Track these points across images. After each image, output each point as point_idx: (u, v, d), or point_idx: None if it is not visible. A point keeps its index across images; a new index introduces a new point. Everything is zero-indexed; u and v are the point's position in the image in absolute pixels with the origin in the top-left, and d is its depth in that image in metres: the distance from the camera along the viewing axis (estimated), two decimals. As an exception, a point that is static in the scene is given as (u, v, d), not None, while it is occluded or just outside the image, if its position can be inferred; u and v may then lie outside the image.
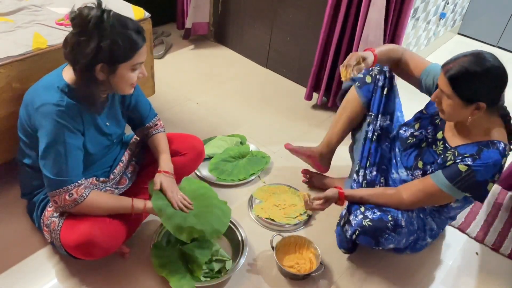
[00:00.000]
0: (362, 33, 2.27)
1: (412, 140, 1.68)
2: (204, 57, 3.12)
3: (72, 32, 1.31)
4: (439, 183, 1.51)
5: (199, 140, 1.85)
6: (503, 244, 1.94)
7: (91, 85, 1.36)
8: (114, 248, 1.50)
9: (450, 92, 1.39)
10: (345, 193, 1.66)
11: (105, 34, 1.28)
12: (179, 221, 1.52)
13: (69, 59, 1.34)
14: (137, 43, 1.35)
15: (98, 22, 1.27)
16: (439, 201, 1.60)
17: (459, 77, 1.37)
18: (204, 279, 1.58)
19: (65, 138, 1.36)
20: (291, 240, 1.74)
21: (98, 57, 1.29)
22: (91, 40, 1.27)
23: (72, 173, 1.39)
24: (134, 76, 1.40)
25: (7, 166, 1.81)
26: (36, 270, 1.60)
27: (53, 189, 1.38)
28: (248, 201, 1.99)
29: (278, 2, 2.75)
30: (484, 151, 1.43)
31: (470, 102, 1.39)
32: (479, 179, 1.44)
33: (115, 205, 1.49)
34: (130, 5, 2.06)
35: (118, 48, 1.30)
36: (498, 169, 1.44)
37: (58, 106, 1.35)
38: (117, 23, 1.31)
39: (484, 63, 1.36)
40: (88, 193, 1.42)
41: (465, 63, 1.36)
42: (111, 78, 1.36)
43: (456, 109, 1.42)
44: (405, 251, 1.76)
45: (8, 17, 1.84)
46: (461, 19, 3.85)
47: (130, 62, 1.36)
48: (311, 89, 2.63)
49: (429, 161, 1.60)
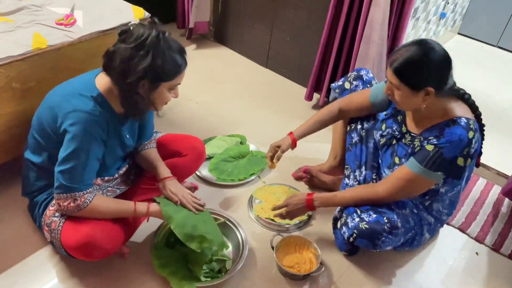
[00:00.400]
0: (363, 33, 2.26)
1: (383, 140, 1.73)
2: (204, 57, 3.12)
3: (126, 46, 1.32)
4: (412, 167, 1.53)
5: (200, 141, 1.85)
6: (504, 244, 1.94)
7: (135, 96, 1.38)
8: (114, 249, 1.50)
9: (398, 83, 1.45)
10: (315, 200, 1.68)
11: (159, 54, 1.32)
12: (189, 230, 1.50)
13: (116, 71, 1.35)
14: (181, 66, 1.40)
15: (155, 42, 1.31)
16: (418, 188, 1.60)
17: (403, 67, 1.42)
18: (204, 279, 1.58)
19: (90, 146, 1.37)
20: (291, 240, 1.74)
21: (147, 74, 1.33)
22: (147, 57, 1.31)
23: (84, 182, 1.39)
24: (169, 96, 1.45)
25: (7, 166, 1.81)
26: (36, 270, 1.60)
27: (61, 193, 1.38)
28: (248, 201, 1.99)
29: (278, 2, 2.75)
30: (446, 129, 1.48)
31: (418, 88, 1.43)
32: (447, 156, 1.47)
33: (118, 209, 1.49)
34: (130, 5, 2.07)
35: (165, 68, 1.35)
36: (466, 143, 1.46)
37: (91, 114, 1.36)
38: (168, 44, 1.36)
39: (424, 50, 1.41)
40: (92, 199, 1.41)
41: (407, 52, 1.42)
42: (150, 95, 1.40)
43: (407, 98, 1.47)
44: (403, 247, 1.76)
45: (8, 17, 1.84)
46: (461, 19, 3.85)
47: (172, 82, 1.41)
48: (312, 89, 2.62)
49: (402, 154, 1.63)
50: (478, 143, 1.53)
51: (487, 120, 2.80)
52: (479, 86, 3.24)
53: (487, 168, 2.33)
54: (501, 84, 3.33)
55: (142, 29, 1.32)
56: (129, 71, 1.32)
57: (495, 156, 2.44)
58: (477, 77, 3.35)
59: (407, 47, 1.43)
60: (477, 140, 1.49)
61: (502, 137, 2.71)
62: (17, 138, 1.72)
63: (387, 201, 1.63)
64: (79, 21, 1.89)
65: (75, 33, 1.80)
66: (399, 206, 1.65)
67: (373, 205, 1.62)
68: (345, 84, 1.92)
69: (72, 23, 1.86)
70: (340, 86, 1.93)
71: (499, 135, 2.72)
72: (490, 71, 3.48)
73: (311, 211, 1.78)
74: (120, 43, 1.34)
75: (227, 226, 1.77)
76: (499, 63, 3.65)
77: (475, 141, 1.48)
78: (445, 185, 1.62)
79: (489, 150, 2.49)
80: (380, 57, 2.27)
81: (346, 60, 2.45)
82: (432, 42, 1.43)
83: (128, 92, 1.37)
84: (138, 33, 1.32)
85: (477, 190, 2.22)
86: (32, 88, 1.70)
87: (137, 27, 1.34)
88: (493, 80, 3.37)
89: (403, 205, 1.67)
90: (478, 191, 2.21)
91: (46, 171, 1.48)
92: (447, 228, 1.98)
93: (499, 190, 2.22)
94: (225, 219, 1.78)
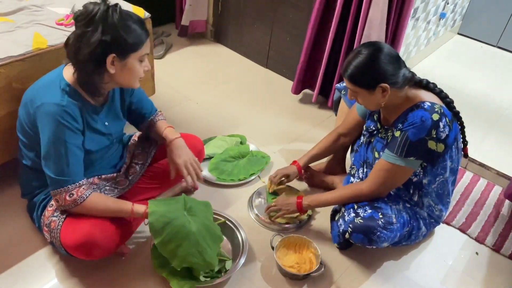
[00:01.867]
0: (363, 32, 2.26)
1: (364, 139, 1.80)
2: (204, 57, 3.12)
3: (77, 25, 1.33)
4: (387, 157, 1.59)
5: (199, 140, 1.85)
6: (504, 245, 1.94)
7: (93, 75, 1.37)
8: (114, 248, 1.50)
9: (354, 87, 1.53)
10: (304, 202, 1.78)
11: (112, 27, 1.31)
12: (173, 247, 1.46)
13: (72, 50, 1.35)
14: (141, 34, 1.39)
15: (104, 16, 1.31)
16: (398, 178, 1.63)
17: (352, 72, 1.51)
18: (204, 279, 1.58)
19: (65, 137, 1.36)
20: (291, 240, 1.74)
21: (109, 48, 1.32)
22: (97, 31, 1.30)
23: (72, 173, 1.39)
24: (141, 68, 1.44)
25: (7, 166, 1.81)
26: (36, 270, 1.60)
27: (54, 188, 1.39)
28: (248, 201, 1.99)
29: (278, 2, 2.75)
30: (410, 114, 1.53)
31: (373, 88, 1.50)
32: (413, 139, 1.51)
33: (115, 208, 1.48)
34: (130, 5, 2.07)
35: (126, 39, 1.34)
36: (431, 124, 1.49)
37: (60, 105, 1.35)
38: (122, 16, 1.34)
39: (369, 52, 1.49)
40: (89, 194, 1.41)
41: (352, 58, 1.51)
42: (122, 70, 1.39)
43: (367, 98, 1.55)
44: (401, 243, 1.76)
45: (8, 17, 1.84)
46: (461, 19, 3.85)
47: (139, 52, 1.40)
48: (299, 83, 2.65)
49: (380, 148, 1.68)
50: (451, 129, 1.54)
51: (487, 120, 2.85)
52: (479, 86, 3.24)
53: (487, 169, 2.33)
54: (501, 84, 3.33)
55: (92, 6, 1.31)
56: (80, 48, 1.32)
57: (495, 156, 2.44)
58: (477, 77, 3.35)
59: (355, 53, 1.51)
60: (446, 125, 1.51)
61: (502, 137, 2.71)
62: (17, 139, 1.72)
63: (373, 196, 1.66)
64: (79, 21, 1.88)
65: (75, 33, 1.80)
66: (392, 201, 1.68)
67: (364, 200, 1.66)
68: None
69: (72, 23, 1.84)
70: (345, 87, 1.95)
71: (499, 135, 2.72)
72: (490, 71, 3.48)
73: (301, 212, 1.83)
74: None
75: (227, 226, 1.77)
76: (499, 63, 3.65)
77: (443, 125, 1.50)
78: (426, 175, 1.64)
79: (489, 150, 2.51)
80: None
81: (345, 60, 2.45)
82: (375, 43, 1.52)
83: (83, 70, 1.36)
84: (87, 10, 1.31)
85: (478, 190, 2.22)
86: (32, 88, 1.70)
87: (87, 5, 1.33)
88: (493, 80, 3.37)
89: (395, 201, 1.70)
90: (479, 192, 2.21)
91: (37, 171, 1.48)
92: (447, 228, 1.98)
93: (499, 191, 2.22)
94: (225, 219, 1.78)
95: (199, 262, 1.49)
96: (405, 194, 1.71)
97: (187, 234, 1.48)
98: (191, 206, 1.56)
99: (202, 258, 1.49)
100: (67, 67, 1.43)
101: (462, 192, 2.19)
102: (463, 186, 2.24)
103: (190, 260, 1.48)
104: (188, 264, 1.49)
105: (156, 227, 1.45)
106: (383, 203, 1.65)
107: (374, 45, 1.51)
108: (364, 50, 1.49)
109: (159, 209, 1.48)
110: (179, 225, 1.47)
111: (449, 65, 3.43)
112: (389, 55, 1.49)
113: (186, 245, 1.47)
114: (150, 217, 1.45)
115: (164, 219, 1.46)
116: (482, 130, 2.72)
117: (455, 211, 2.07)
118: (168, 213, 1.48)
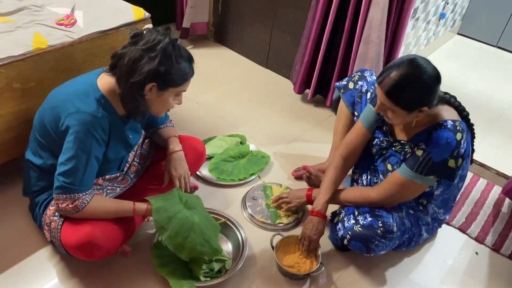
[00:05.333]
0: (362, 33, 2.26)
1: (374, 150, 1.75)
2: (204, 57, 3.12)
3: (137, 48, 1.35)
4: (404, 173, 1.55)
5: (201, 142, 1.86)
6: (504, 244, 1.94)
7: (137, 99, 1.40)
8: (114, 248, 1.50)
9: (391, 105, 1.44)
10: (314, 195, 1.80)
11: (168, 60, 1.36)
12: (180, 240, 1.49)
13: (123, 69, 1.37)
14: (189, 73, 1.45)
15: (166, 47, 1.35)
16: (411, 192, 1.61)
17: (395, 91, 1.40)
18: (204, 279, 1.58)
19: (91, 148, 1.38)
20: (291, 240, 1.74)
21: (154, 77, 1.35)
22: (154, 60, 1.34)
23: (84, 183, 1.40)
24: (173, 103, 1.48)
25: (7, 166, 1.81)
26: (36, 270, 1.60)
27: (60, 193, 1.38)
28: (242, 200, 1.99)
29: (278, 2, 2.75)
30: (434, 133, 1.49)
31: (413, 110, 1.44)
32: (436, 160, 1.49)
33: (117, 209, 1.49)
34: (130, 5, 2.07)
35: (173, 74, 1.38)
36: (455, 145, 1.47)
37: (95, 116, 1.37)
38: (178, 52, 1.39)
39: (416, 72, 1.38)
40: (89, 200, 1.41)
41: (398, 75, 1.38)
42: (156, 99, 1.43)
43: (401, 117, 1.48)
44: (400, 248, 1.76)
45: (8, 17, 1.84)
46: (461, 19, 3.85)
47: (178, 89, 1.44)
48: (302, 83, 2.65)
49: (394, 161, 1.64)
50: (467, 142, 1.54)
51: (487, 120, 2.85)
52: (479, 86, 3.24)
53: (487, 169, 2.33)
54: (500, 84, 3.33)
55: (154, 34, 1.36)
56: (135, 71, 1.35)
57: (495, 156, 2.44)
58: (477, 77, 3.35)
59: (398, 68, 1.39)
60: (465, 140, 1.51)
61: (502, 137, 2.71)
62: (17, 138, 1.73)
63: (380, 205, 1.64)
64: (79, 21, 1.89)
65: (75, 33, 1.80)
66: (395, 208, 1.66)
67: (370, 207, 1.64)
68: (349, 84, 1.93)
69: (73, 23, 1.86)
70: (345, 86, 1.94)
71: (499, 135, 2.72)
72: (490, 71, 3.48)
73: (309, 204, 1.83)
74: (130, 45, 1.37)
75: (227, 226, 1.77)
76: (499, 63, 3.65)
77: (463, 141, 1.50)
78: (439, 187, 1.62)
79: (489, 150, 2.51)
80: (378, 57, 2.27)
81: (344, 60, 2.45)
82: (422, 62, 1.40)
83: (130, 91, 1.38)
84: (150, 37, 1.36)
85: (478, 190, 2.22)
86: (33, 88, 1.70)
87: (150, 31, 1.38)
88: (493, 80, 3.37)
89: (399, 207, 1.67)
90: (479, 192, 2.21)
91: (47, 172, 1.48)
92: (447, 228, 1.99)
93: (499, 191, 2.22)
94: (225, 219, 1.78)
95: (207, 250, 1.54)
96: (409, 202, 1.70)
97: (192, 225, 1.52)
98: (187, 200, 1.60)
99: (209, 245, 1.54)
100: (103, 76, 1.44)
101: (462, 192, 2.19)
102: (463, 186, 2.24)
103: (199, 249, 1.51)
104: (196, 253, 1.52)
105: (162, 223, 1.48)
106: (385, 211, 1.63)
107: (423, 65, 1.39)
108: (411, 69, 1.38)
109: (161, 205, 1.51)
110: (183, 218, 1.51)
111: (449, 65, 3.43)
112: (437, 80, 1.41)
113: (193, 236, 1.51)
114: (155, 214, 1.48)
115: (167, 214, 1.50)
116: (482, 130, 2.72)
117: (455, 211, 2.07)
118: (170, 208, 1.52)
